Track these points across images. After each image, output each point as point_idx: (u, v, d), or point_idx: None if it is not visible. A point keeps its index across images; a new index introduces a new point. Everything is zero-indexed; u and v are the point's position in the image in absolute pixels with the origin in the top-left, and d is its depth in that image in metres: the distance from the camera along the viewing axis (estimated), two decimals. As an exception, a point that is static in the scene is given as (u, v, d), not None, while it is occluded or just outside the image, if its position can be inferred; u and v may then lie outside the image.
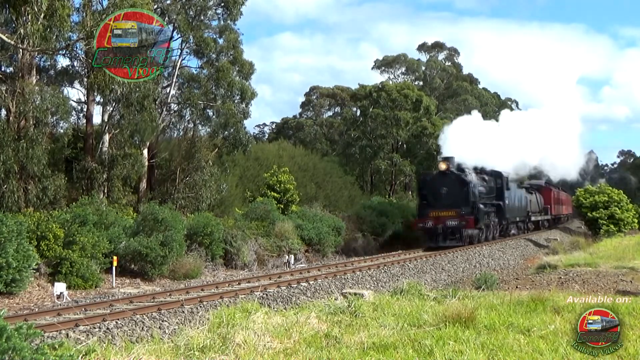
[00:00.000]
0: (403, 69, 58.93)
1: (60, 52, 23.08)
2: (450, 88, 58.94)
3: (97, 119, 26.90)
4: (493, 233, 31.92)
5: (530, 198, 40.42)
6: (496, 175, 32.82)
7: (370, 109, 47.76)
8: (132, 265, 19.26)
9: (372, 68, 60.02)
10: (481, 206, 28.97)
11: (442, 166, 28.80)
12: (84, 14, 22.76)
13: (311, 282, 15.17)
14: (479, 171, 31.17)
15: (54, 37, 20.59)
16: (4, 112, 21.85)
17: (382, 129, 46.70)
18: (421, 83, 58.10)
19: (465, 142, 30.53)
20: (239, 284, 16.02)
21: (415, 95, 47.22)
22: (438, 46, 63.50)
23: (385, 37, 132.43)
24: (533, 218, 41.14)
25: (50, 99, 20.86)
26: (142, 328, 10.27)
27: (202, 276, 20.13)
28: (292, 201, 33.03)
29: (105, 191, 24.56)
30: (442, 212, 27.47)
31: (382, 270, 18.50)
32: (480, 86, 65.49)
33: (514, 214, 35.52)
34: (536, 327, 9.50)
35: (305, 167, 43.00)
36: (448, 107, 55.96)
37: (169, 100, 29.58)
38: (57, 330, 9.34)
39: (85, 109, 26.23)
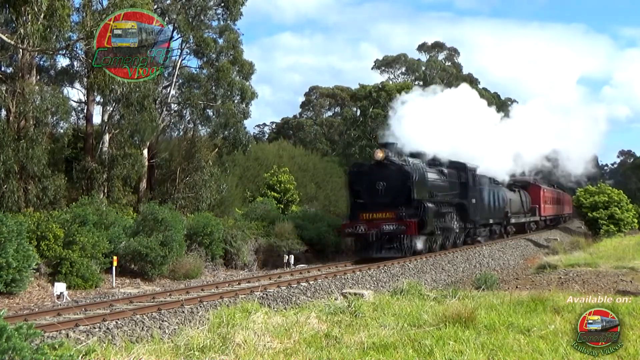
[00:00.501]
0: (403, 69, 59.07)
1: (60, 52, 23.09)
2: (450, 88, 58.91)
3: (97, 119, 26.94)
4: (454, 239, 26.14)
5: (511, 197, 35.38)
6: (459, 167, 26.99)
7: (370, 109, 47.80)
8: (132, 265, 19.26)
9: (372, 68, 60.20)
10: (430, 205, 22.83)
11: (378, 154, 22.43)
12: (84, 14, 22.77)
13: (311, 282, 15.17)
14: (435, 162, 25.85)
15: (54, 37, 20.60)
16: (4, 112, 21.87)
17: (382, 129, 46.69)
18: (421, 83, 58.13)
19: (432, 130, 24.77)
20: (239, 284, 16.03)
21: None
22: (438, 46, 63.61)
23: (385, 37, 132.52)
24: (514, 220, 35.52)
25: (50, 99, 20.87)
26: (142, 328, 10.27)
27: (202, 276, 20.13)
28: (292, 201, 33.06)
29: (105, 191, 24.56)
30: (377, 213, 21.86)
31: (382, 270, 18.51)
32: (480, 86, 65.54)
33: (486, 216, 29.89)
34: (536, 327, 9.51)
35: (305, 167, 43.03)
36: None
37: (169, 100, 29.58)
38: (57, 330, 9.33)
39: (85, 109, 26.24)
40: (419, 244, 22.52)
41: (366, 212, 22.12)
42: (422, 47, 63.18)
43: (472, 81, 63.50)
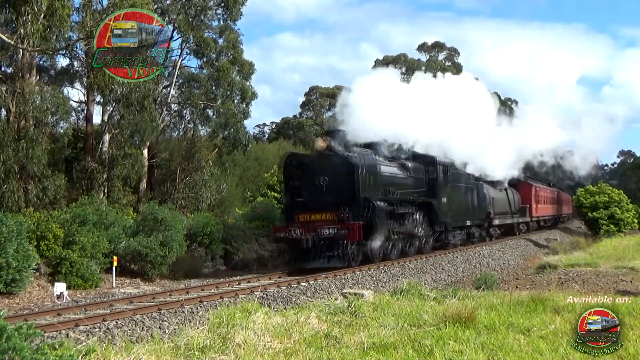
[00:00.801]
0: (403, 69, 58.98)
1: (60, 52, 23.13)
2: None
3: (97, 119, 26.99)
4: (419, 244, 22.29)
5: (496, 195, 31.91)
6: (427, 161, 23.32)
7: (370, 109, 47.70)
8: (132, 265, 19.26)
9: (372, 68, 60.09)
10: (381, 205, 19.02)
11: (320, 144, 18.84)
12: (84, 14, 22.81)
13: (311, 282, 15.18)
14: (399, 156, 22.15)
15: (54, 37, 20.64)
16: (4, 112, 21.90)
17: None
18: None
19: (403, 118, 20.94)
20: (239, 284, 16.02)
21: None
22: (438, 46, 63.60)
23: (385, 37, 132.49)
24: (498, 221, 31.71)
25: (50, 99, 20.90)
26: (142, 328, 10.27)
27: (202, 276, 20.13)
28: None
29: (105, 191, 24.58)
30: (316, 214, 18.33)
31: (382, 270, 18.51)
32: (480, 86, 65.44)
33: (462, 217, 26.09)
34: (536, 327, 9.51)
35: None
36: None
37: (169, 100, 29.61)
38: (57, 330, 9.33)
39: (85, 109, 26.26)
40: (370, 251, 18.91)
41: (304, 212, 18.47)
42: (422, 47, 63.21)
43: (472, 81, 63.51)
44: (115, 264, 17.73)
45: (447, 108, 22.80)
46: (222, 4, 29.60)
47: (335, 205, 18.20)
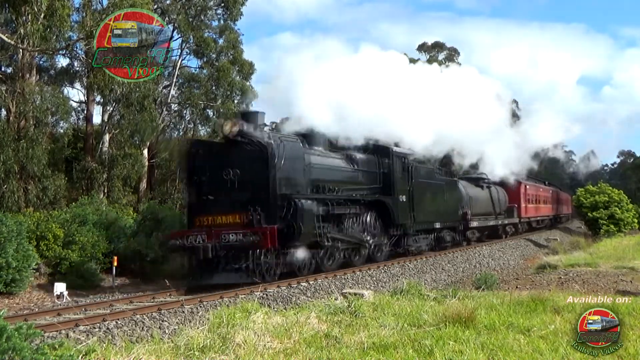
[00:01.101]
0: (403, 69, 58.94)
1: (60, 52, 23.16)
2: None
3: (97, 119, 27.00)
4: (368, 251, 18.43)
5: (474, 194, 28.23)
6: (379, 151, 19.52)
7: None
8: (132, 265, 19.26)
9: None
10: (306, 203, 14.99)
11: (228, 127, 14.84)
12: (84, 13, 22.84)
13: (311, 282, 15.16)
14: (348, 145, 18.51)
15: (54, 37, 20.67)
16: (4, 112, 21.93)
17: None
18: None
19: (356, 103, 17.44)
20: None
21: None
22: (438, 46, 63.52)
23: (385, 37, 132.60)
24: (476, 223, 27.86)
25: (50, 99, 20.91)
26: (142, 328, 10.26)
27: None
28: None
29: (105, 191, 24.60)
30: (223, 216, 14.72)
31: (382, 270, 18.49)
32: (480, 86, 65.43)
33: (428, 218, 22.15)
34: (536, 327, 9.50)
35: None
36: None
37: (169, 100, 29.62)
38: (57, 330, 9.33)
39: (85, 109, 26.27)
40: (292, 261, 15.14)
41: (208, 214, 14.85)
42: (422, 47, 63.11)
43: (472, 81, 63.52)
44: (115, 264, 17.74)
45: (417, 94, 19.81)
46: (222, 4, 29.63)
47: (247, 205, 14.46)
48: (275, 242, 14.12)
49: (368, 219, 18.55)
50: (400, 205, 19.87)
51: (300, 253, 15.23)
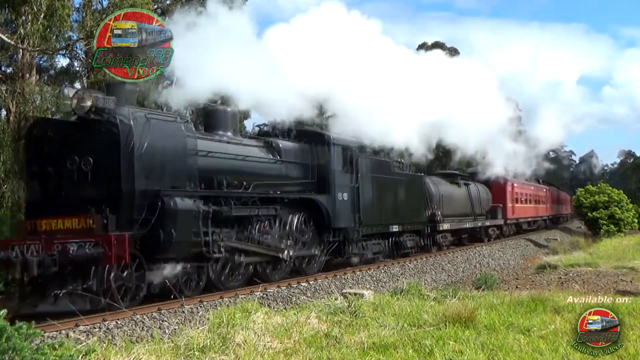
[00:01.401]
0: (403, 69, 58.97)
1: (60, 52, 23.14)
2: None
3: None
4: (293, 263, 15.25)
5: (446, 192, 25.06)
6: (314, 139, 16.55)
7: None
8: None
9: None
10: (183, 202, 11.57)
11: (75, 102, 11.29)
12: (84, 13, 22.82)
13: (311, 282, 15.16)
14: (273, 131, 16.22)
15: (54, 37, 20.67)
16: (4, 112, 21.91)
17: None
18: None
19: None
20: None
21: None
22: (438, 46, 63.43)
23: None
24: (448, 225, 24.43)
25: (50, 99, 20.90)
26: (142, 328, 10.26)
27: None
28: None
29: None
30: (60, 219, 10.99)
31: (382, 270, 18.49)
32: (480, 86, 65.46)
33: (382, 220, 18.96)
34: (536, 327, 9.51)
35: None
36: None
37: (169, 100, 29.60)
38: (57, 330, 9.32)
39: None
40: (162, 279, 11.35)
41: (47, 217, 11.13)
42: (422, 47, 63.11)
43: (472, 81, 63.54)
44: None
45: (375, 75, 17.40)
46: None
47: (102, 205, 10.74)
48: (126, 254, 10.42)
49: (295, 222, 15.26)
50: (339, 204, 16.57)
51: (170, 270, 11.48)
